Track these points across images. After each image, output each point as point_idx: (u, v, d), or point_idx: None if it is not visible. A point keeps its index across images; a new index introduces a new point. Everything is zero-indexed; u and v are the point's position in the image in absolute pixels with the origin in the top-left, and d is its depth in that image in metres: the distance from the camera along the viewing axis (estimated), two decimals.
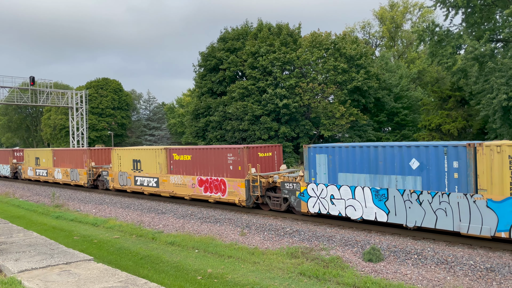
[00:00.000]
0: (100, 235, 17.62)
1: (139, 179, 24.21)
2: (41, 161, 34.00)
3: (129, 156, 24.83)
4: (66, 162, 31.01)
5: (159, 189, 22.78)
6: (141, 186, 23.94)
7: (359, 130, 39.46)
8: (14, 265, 6.87)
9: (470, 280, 10.67)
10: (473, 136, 32.10)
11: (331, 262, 12.43)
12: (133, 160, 24.47)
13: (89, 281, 5.99)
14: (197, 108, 44.45)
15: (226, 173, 19.39)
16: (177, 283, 11.40)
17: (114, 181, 26.15)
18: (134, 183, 24.50)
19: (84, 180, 29.09)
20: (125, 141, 70.74)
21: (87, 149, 28.63)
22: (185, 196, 21.28)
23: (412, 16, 57.49)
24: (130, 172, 24.79)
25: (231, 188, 19.10)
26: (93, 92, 65.10)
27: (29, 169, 36.06)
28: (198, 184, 20.65)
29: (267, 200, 18.33)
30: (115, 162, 25.87)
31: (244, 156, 18.58)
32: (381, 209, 14.18)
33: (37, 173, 34.75)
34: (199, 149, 20.68)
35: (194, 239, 15.95)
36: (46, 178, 33.64)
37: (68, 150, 31.18)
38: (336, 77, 37.34)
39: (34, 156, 35.09)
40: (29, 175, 35.94)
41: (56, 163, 32.24)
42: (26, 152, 36.69)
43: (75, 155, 29.97)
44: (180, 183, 21.61)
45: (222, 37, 44.87)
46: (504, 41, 27.72)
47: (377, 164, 14.27)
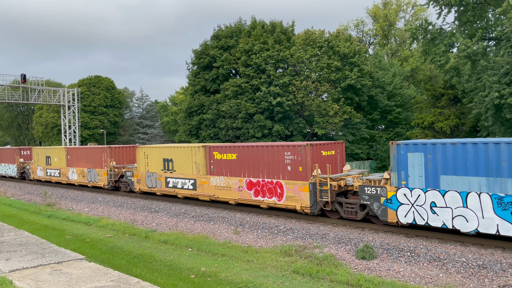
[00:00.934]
0: (92, 234, 17.50)
1: (171, 180, 21.76)
2: (53, 161, 31.36)
3: (159, 155, 22.49)
4: (82, 161, 28.41)
5: (196, 192, 20.34)
6: (174, 189, 21.55)
7: (352, 128, 39.57)
8: (5, 265, 6.78)
9: (463, 277, 10.74)
10: (465, 134, 32.32)
11: (324, 260, 12.44)
12: (164, 159, 22.11)
13: (81, 281, 5.93)
14: (190, 106, 44.28)
15: (283, 174, 16.96)
16: (171, 281, 11.35)
17: (140, 183, 23.75)
18: (165, 185, 22.12)
19: (103, 181, 26.50)
20: (118, 139, 70.37)
21: (107, 147, 26.19)
22: (229, 200, 18.91)
23: (405, 14, 57.72)
24: (160, 172, 22.38)
25: (290, 192, 16.67)
26: (85, 90, 64.64)
27: (38, 169, 33.33)
28: (246, 187, 18.20)
29: (337, 206, 15.86)
30: (141, 162, 23.58)
31: (306, 155, 16.16)
32: (507, 220, 11.71)
33: (48, 173, 32.11)
34: (247, 147, 18.35)
35: (188, 238, 15.90)
36: (58, 179, 30.97)
37: (85, 148, 28.58)
38: (329, 75, 37.38)
39: (44, 154, 32.43)
40: (39, 175, 33.22)
41: (70, 162, 29.60)
42: (35, 150, 33.97)
43: (92, 154, 27.45)
44: (223, 186, 19.19)
45: (215, 34, 44.71)
46: (497, 39, 27.90)
47: (499, 165, 11.83)
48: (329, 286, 10.70)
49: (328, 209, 16.07)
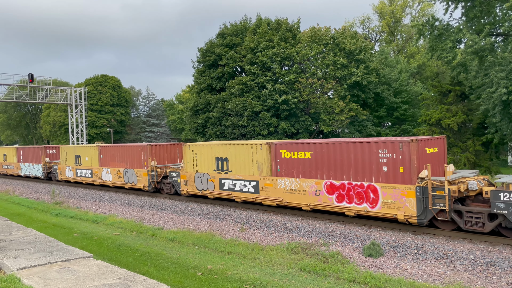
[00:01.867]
0: (100, 232, 17.62)
1: (227, 182, 19.40)
2: (83, 160, 29.15)
3: (210, 153, 20.20)
4: (117, 160, 26.19)
5: (259, 196, 17.96)
6: (231, 192, 19.20)
7: (358, 125, 39.42)
8: (13, 263, 6.86)
9: (470, 274, 10.67)
10: (473, 130, 32.07)
11: (331, 258, 12.43)
12: (217, 158, 19.82)
13: (88, 278, 5.98)
14: (196, 104, 44.37)
15: (376, 176, 14.33)
16: (178, 279, 11.40)
17: (188, 185, 21.40)
18: (219, 187, 19.73)
19: (144, 182, 24.27)
20: (125, 137, 70.72)
21: (148, 145, 24.02)
22: (303, 206, 16.44)
23: (411, 10, 57.31)
24: (212, 173, 20.07)
25: (388, 198, 14.01)
26: (92, 89, 65.00)
27: (67, 169, 30.97)
28: (326, 190, 15.65)
29: (453, 216, 13.00)
30: (188, 161, 21.26)
31: (410, 153, 13.53)
32: None
33: (78, 173, 29.87)
34: (326, 144, 15.78)
35: (194, 236, 15.95)
36: (90, 179, 28.77)
37: (120, 146, 26.32)
38: (335, 72, 37.25)
39: (74, 153, 30.19)
40: (68, 176, 30.93)
41: (103, 162, 27.37)
42: (62, 149, 31.66)
43: (130, 153, 25.33)
44: (294, 189, 16.68)
45: (220, 32, 44.71)
46: (504, 35, 27.62)
47: None
48: (335, 283, 10.69)
49: (441, 218, 13.21)
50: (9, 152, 40.16)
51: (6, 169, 40.77)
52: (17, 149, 38.23)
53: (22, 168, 37.48)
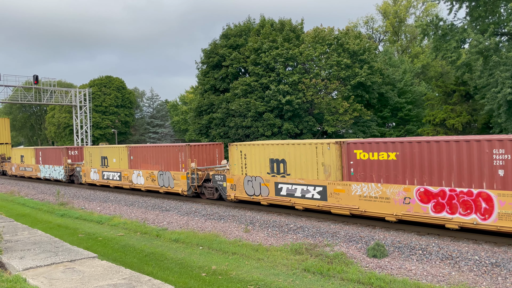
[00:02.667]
0: (104, 233, 17.69)
1: (284, 187, 17.21)
2: (110, 161, 27.16)
3: (263, 154, 18.05)
4: (150, 162, 24.16)
5: (327, 204, 15.80)
6: (290, 198, 17.02)
7: (362, 125, 39.35)
8: (19, 263, 6.90)
9: (475, 275, 10.63)
10: (477, 130, 31.94)
11: (335, 258, 12.41)
12: (271, 160, 17.64)
13: (93, 278, 6.01)
14: (200, 105, 44.46)
15: (489, 182, 12.10)
16: (182, 280, 11.43)
17: (236, 189, 19.20)
18: (275, 192, 17.58)
19: (182, 186, 22.11)
20: (129, 138, 70.95)
21: (186, 146, 21.91)
22: (386, 216, 14.13)
23: (415, 10, 57.15)
24: (266, 177, 17.85)
25: (507, 208, 11.74)
26: (96, 90, 65.29)
27: (92, 171, 28.95)
28: (418, 198, 13.39)
29: None
30: (236, 163, 19.17)
31: None
32: None
33: (104, 176, 27.79)
34: (418, 143, 13.51)
35: (198, 236, 15.98)
36: (118, 183, 26.58)
37: (154, 147, 24.24)
38: (339, 73, 37.21)
39: (99, 154, 28.18)
40: (93, 179, 28.93)
41: (133, 163, 25.24)
42: (86, 150, 29.63)
43: (165, 154, 23.24)
44: (374, 196, 14.48)
45: (224, 33, 44.79)
46: (509, 34, 27.49)
47: None
48: (340, 284, 10.68)
49: None
50: (27, 153, 38.12)
51: (23, 171, 38.48)
52: (36, 150, 36.42)
53: (42, 170, 35.38)
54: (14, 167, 40.23)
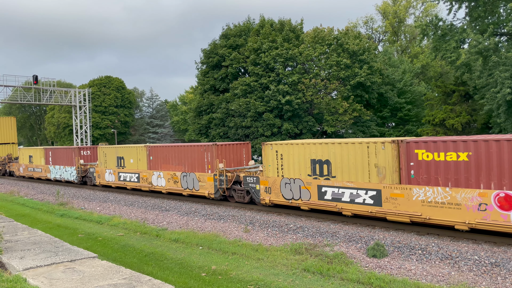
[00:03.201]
0: (104, 233, 17.69)
1: (329, 191, 15.68)
2: (127, 162, 25.61)
3: (303, 154, 16.52)
4: (171, 163, 22.71)
5: (382, 209, 14.29)
6: (336, 203, 15.55)
7: (362, 125, 39.38)
8: (19, 263, 6.91)
9: (475, 275, 10.65)
10: (477, 130, 31.96)
11: (335, 258, 12.43)
12: (313, 160, 16.12)
13: (94, 278, 6.01)
14: (199, 105, 44.47)
15: None
16: (182, 279, 11.44)
17: (271, 192, 17.73)
18: (318, 196, 16.05)
19: (208, 188, 20.60)
20: (128, 138, 70.93)
21: (213, 145, 20.45)
22: (456, 224, 12.64)
23: (415, 11, 57.21)
24: (307, 179, 16.37)
25: None
26: (96, 90, 65.28)
27: (107, 172, 27.25)
28: (497, 204, 11.96)
29: None
30: (271, 164, 17.71)
31: None
32: None
33: (121, 177, 26.13)
34: (496, 142, 12.09)
35: (198, 236, 15.99)
36: (136, 184, 25.05)
37: (177, 147, 22.66)
38: (339, 73, 37.23)
39: (115, 155, 26.60)
40: (108, 180, 27.29)
41: (153, 164, 23.87)
42: (101, 150, 27.91)
43: (189, 154, 21.68)
44: (441, 202, 12.90)
45: (224, 33, 44.80)
46: (508, 35, 27.52)
47: None
48: (339, 284, 10.69)
49: None
50: (35, 153, 36.52)
51: (32, 172, 36.88)
52: (46, 150, 34.80)
53: (52, 171, 33.77)
54: (22, 167, 38.76)
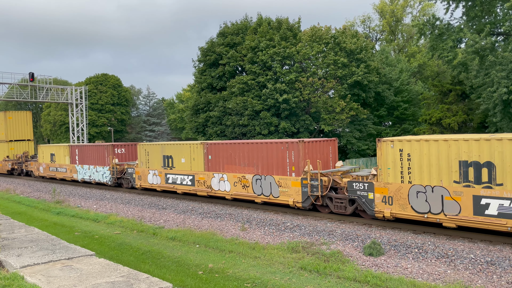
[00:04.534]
0: (101, 231, 17.66)
1: (493, 203, 11.86)
2: (177, 162, 21.99)
3: (445, 153, 12.76)
4: (239, 163, 18.86)
5: None
6: (506, 220, 11.64)
7: (359, 124, 39.48)
8: (16, 261, 6.89)
9: (471, 273, 10.71)
10: (473, 130, 32.11)
11: (331, 257, 12.46)
12: (463, 163, 12.36)
13: (91, 276, 6.01)
14: (197, 103, 44.43)
15: None
16: (179, 278, 11.45)
17: (394, 203, 13.93)
18: (473, 210, 12.20)
19: (293, 196, 16.77)
20: (125, 137, 70.76)
21: (299, 142, 16.57)
22: None
23: (412, 10, 57.34)
24: (453, 187, 12.57)
25: None
26: (92, 88, 65.05)
27: (150, 173, 23.52)
28: None
29: None
30: (391, 166, 14.00)
31: None
32: None
33: (169, 180, 22.43)
34: None
35: (195, 234, 16.00)
36: (190, 188, 21.20)
37: (246, 144, 18.70)
38: (336, 72, 37.28)
39: (160, 153, 22.84)
40: (152, 182, 23.53)
41: (213, 165, 20.06)
42: (142, 148, 24.15)
43: (264, 152, 17.83)
44: None
45: (221, 32, 44.75)
46: (505, 34, 27.64)
47: None
48: (336, 282, 10.73)
49: None
50: (59, 151, 32.47)
51: (55, 172, 32.94)
52: (71, 148, 30.91)
53: (79, 171, 29.99)
54: (42, 167, 34.77)
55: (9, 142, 41.09)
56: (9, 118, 41.87)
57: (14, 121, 42.45)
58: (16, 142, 41.67)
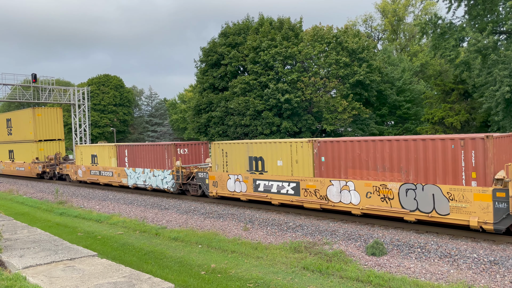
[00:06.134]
0: (103, 231, 17.69)
1: None
2: (269, 165, 17.67)
3: None
4: (371, 167, 14.57)
5: None
6: None
7: (361, 123, 39.41)
8: (19, 261, 6.91)
9: (474, 273, 10.67)
10: (476, 129, 32.00)
11: (334, 256, 12.44)
12: None
13: (94, 277, 6.02)
14: (199, 103, 44.47)
15: None
16: (181, 278, 11.45)
17: None
18: None
19: (478, 214, 12.08)
20: (127, 137, 70.90)
21: (482, 138, 12.18)
22: None
23: (414, 9, 57.23)
24: None
25: None
26: (94, 89, 65.24)
27: (232, 179, 19.30)
28: None
29: None
30: None
31: None
32: None
33: (259, 187, 18.03)
34: None
35: (198, 235, 16.00)
36: (293, 198, 16.81)
37: (379, 141, 14.48)
38: (338, 71, 37.23)
39: (245, 154, 18.56)
40: (233, 190, 19.22)
41: (327, 169, 15.75)
42: (216, 147, 20.02)
43: (416, 152, 13.48)
44: None
45: (223, 32, 44.77)
46: (507, 33, 27.54)
47: None
48: (339, 282, 10.71)
49: None
50: (102, 151, 28.27)
51: (97, 176, 28.54)
52: (119, 148, 26.92)
53: (130, 175, 25.72)
54: (81, 170, 30.33)
55: (38, 142, 36.37)
56: (38, 115, 36.93)
57: (44, 119, 37.48)
58: (46, 142, 36.98)
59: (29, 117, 37.30)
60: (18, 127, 38.60)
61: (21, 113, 38.94)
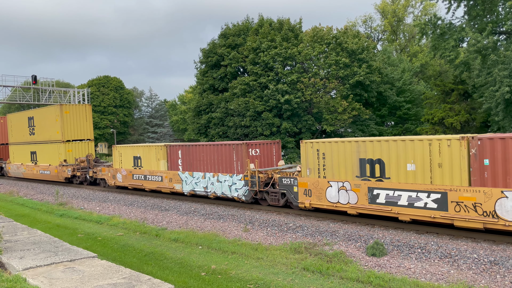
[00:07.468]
0: (104, 233, 17.69)
1: None
2: (391, 170, 14.01)
3: None
4: None
5: None
6: None
7: (361, 124, 39.43)
8: (19, 263, 6.91)
9: (474, 273, 10.67)
10: (476, 129, 32.01)
11: (334, 257, 12.44)
12: None
13: (93, 278, 6.02)
14: (199, 105, 44.50)
15: None
16: (181, 279, 11.45)
17: None
18: None
19: None
20: (128, 138, 70.93)
21: None
22: None
23: (414, 10, 57.29)
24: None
25: None
26: (94, 90, 65.30)
27: (333, 187, 15.52)
28: None
29: None
30: None
31: None
32: None
33: (378, 198, 14.28)
34: None
35: (198, 236, 16.00)
36: (441, 215, 12.77)
37: None
38: (338, 72, 37.25)
39: (355, 155, 14.94)
40: (337, 201, 15.49)
41: (494, 175, 11.85)
42: (308, 147, 16.43)
43: None
44: None
45: (223, 33, 44.81)
46: (507, 33, 27.56)
47: None
48: (339, 283, 10.71)
49: None
50: (148, 152, 24.51)
51: (142, 181, 24.68)
52: (170, 149, 23.13)
53: (185, 181, 22.05)
54: (121, 174, 26.37)
55: (66, 142, 32.59)
56: (66, 112, 33.13)
57: (72, 117, 33.52)
58: (74, 142, 33.09)
59: (55, 114, 33.24)
60: (43, 126, 34.63)
61: (46, 111, 34.71)
